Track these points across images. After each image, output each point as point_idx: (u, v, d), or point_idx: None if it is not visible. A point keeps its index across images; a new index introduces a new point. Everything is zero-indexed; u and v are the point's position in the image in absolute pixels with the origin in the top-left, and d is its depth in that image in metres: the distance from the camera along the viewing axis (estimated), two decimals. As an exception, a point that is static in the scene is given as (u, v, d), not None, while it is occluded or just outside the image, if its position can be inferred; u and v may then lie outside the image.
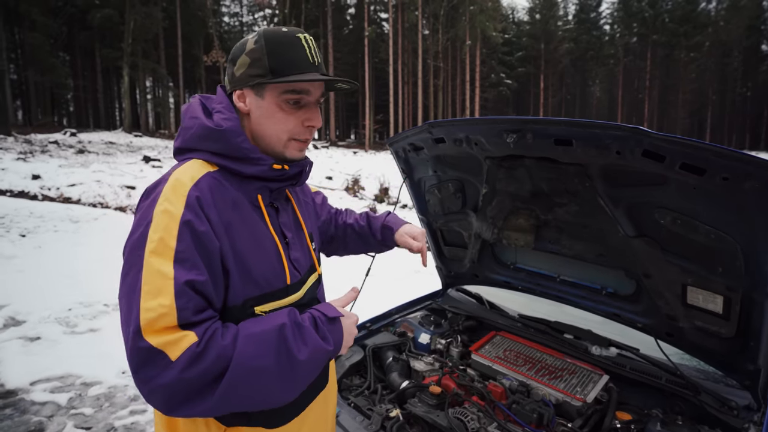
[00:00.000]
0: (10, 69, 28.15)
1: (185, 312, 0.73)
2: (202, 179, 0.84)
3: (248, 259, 0.86)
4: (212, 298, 0.79)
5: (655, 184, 1.35)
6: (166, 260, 0.75)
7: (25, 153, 14.17)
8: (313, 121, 0.94)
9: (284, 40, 0.90)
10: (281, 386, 0.78)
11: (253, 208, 0.92)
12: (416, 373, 1.85)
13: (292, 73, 0.88)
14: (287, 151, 0.95)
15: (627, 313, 1.76)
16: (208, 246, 0.79)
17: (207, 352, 0.72)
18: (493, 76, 42.20)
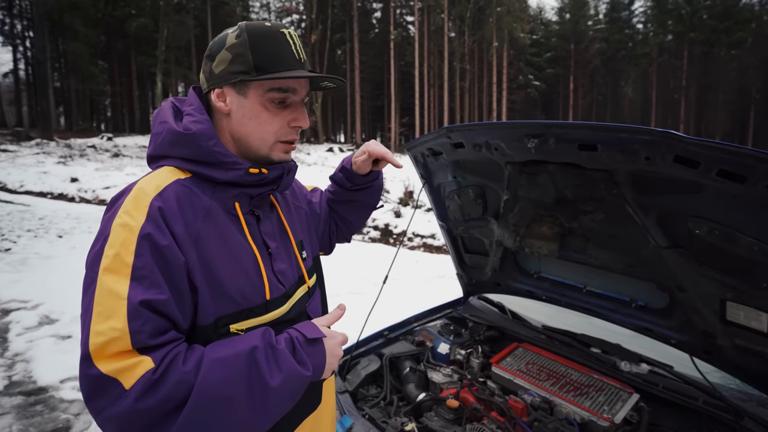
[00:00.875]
0: (54, 77, 29.64)
1: (140, 335, 0.66)
2: (168, 188, 0.77)
3: (221, 273, 0.78)
4: (176, 318, 0.72)
5: (689, 191, 1.26)
6: (121, 278, 0.68)
7: (65, 157, 14.85)
8: (299, 121, 0.88)
9: (269, 35, 0.83)
10: (251, 416, 0.71)
11: (230, 217, 0.84)
12: (434, 384, 1.79)
13: (277, 70, 0.82)
14: (273, 154, 0.88)
15: (659, 327, 1.66)
16: (171, 261, 0.72)
17: (165, 380, 0.65)
18: (521, 77, 41.50)
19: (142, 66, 31.29)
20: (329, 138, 42.82)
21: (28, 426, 2.51)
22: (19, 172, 12.52)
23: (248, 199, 0.88)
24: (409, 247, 9.36)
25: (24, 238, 6.93)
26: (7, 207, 9.35)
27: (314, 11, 31.41)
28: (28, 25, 29.70)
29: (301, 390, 0.79)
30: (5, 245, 6.47)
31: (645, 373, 1.72)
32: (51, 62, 24.08)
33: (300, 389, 0.78)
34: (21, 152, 15.10)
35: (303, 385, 0.78)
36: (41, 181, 11.85)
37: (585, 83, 46.34)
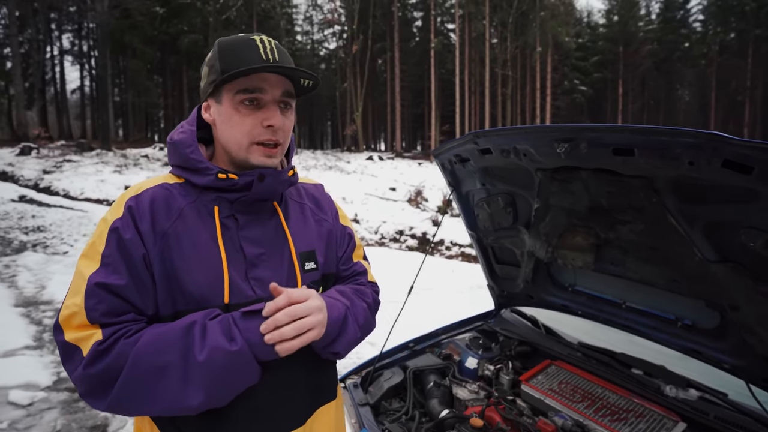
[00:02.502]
0: (114, 92, 31.82)
1: (94, 312, 0.76)
2: (148, 190, 0.87)
3: (181, 269, 0.83)
4: (135, 302, 0.80)
5: (742, 200, 1.13)
6: (92, 263, 0.80)
7: (121, 166, 15.84)
8: (270, 120, 0.86)
9: (238, 42, 0.88)
10: (184, 388, 0.74)
11: (207, 219, 0.88)
12: (458, 401, 1.71)
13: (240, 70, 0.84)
14: (251, 157, 0.88)
15: (710, 350, 1.50)
16: (132, 252, 0.80)
17: (109, 351, 0.74)
18: (566, 83, 40.20)
19: (192, 79, 33.01)
20: (369, 147, 43.25)
21: (71, 421, 2.64)
22: (80, 181, 13.45)
23: (228, 203, 0.90)
24: (446, 256, 9.22)
25: (81, 242, 7.41)
26: (68, 213, 10.06)
27: (355, 22, 31.98)
28: (94, 45, 32.09)
29: (227, 365, 0.76)
30: (64, 248, 6.96)
31: (693, 400, 1.56)
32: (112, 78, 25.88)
33: (232, 364, 0.76)
34: (83, 162, 16.24)
35: (233, 359, 0.76)
36: (99, 188, 12.68)
37: (635, 87, 44.27)
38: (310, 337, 0.81)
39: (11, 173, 15.06)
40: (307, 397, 0.95)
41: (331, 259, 1.07)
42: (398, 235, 10.27)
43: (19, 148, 18.12)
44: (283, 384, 0.91)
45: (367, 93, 35.92)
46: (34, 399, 2.86)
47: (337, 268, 1.10)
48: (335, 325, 0.90)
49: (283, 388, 0.91)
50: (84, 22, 30.70)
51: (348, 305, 0.96)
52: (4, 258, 6.33)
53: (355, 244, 1.16)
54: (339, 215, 1.15)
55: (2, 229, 8.32)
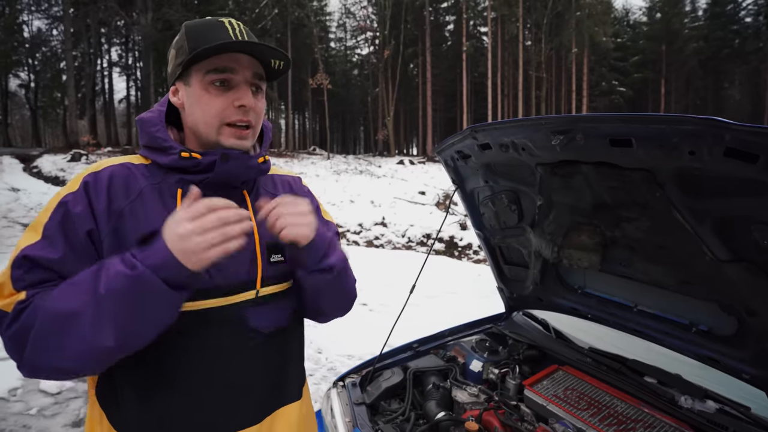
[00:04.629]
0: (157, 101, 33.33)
1: (19, 283, 0.75)
2: (108, 168, 0.85)
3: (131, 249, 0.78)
4: (67, 275, 0.76)
5: (751, 192, 1.04)
6: (33, 234, 0.78)
7: (161, 171, 16.51)
8: (242, 99, 0.84)
9: (206, 24, 0.86)
10: (96, 329, 0.68)
11: (170, 201, 0.85)
12: (457, 404, 1.66)
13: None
14: (222, 138, 0.86)
15: (727, 358, 1.39)
16: (77, 227, 0.78)
17: (27, 308, 0.73)
18: (604, 83, 38.78)
19: (230, 87, 34.16)
20: (401, 151, 43.28)
21: (92, 411, 2.75)
22: (123, 185, 14.13)
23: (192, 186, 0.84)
24: (474, 260, 9.07)
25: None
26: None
27: (387, 27, 32.18)
28: (139, 57, 33.81)
29: (139, 289, 0.69)
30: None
31: (711, 412, 1.45)
32: (154, 87, 27.14)
33: (135, 289, 0.69)
34: (126, 167, 17.06)
35: (135, 283, 0.69)
36: (140, 192, 13.29)
37: (679, 87, 42.22)
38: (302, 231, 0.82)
39: (62, 178, 16.05)
40: (265, 395, 0.92)
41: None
42: (425, 239, 10.19)
43: (71, 154, 19.30)
44: (240, 379, 0.87)
45: (399, 98, 35.97)
46: (62, 388, 3.00)
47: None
48: (323, 239, 0.89)
49: (239, 384, 0.88)
50: (130, 35, 32.41)
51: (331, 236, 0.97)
52: (49, 256, 6.72)
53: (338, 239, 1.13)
54: (321, 210, 1.11)
55: (50, 229, 8.83)
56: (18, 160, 20.58)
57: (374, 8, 34.56)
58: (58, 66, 34.24)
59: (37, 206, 11.41)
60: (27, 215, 10.31)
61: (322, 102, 30.97)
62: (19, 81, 37.90)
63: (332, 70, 37.48)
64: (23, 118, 53.80)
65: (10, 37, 31.78)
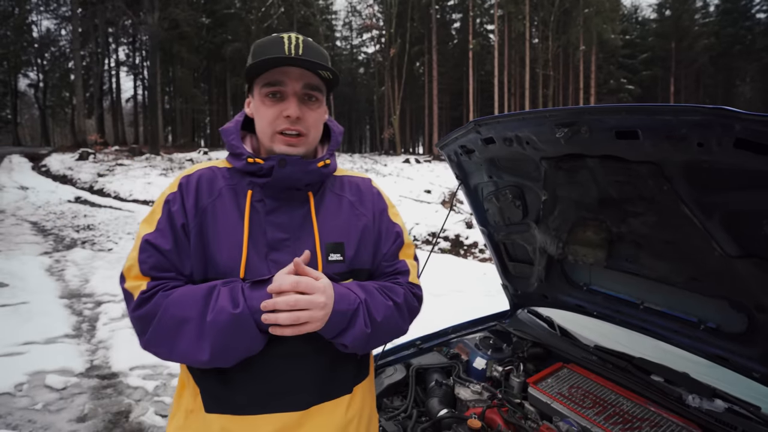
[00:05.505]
0: (164, 100, 33.57)
1: (144, 265, 0.90)
2: (198, 171, 0.99)
3: (210, 242, 0.93)
4: (177, 264, 0.92)
5: (761, 185, 1.01)
6: (149, 227, 0.93)
7: (167, 169, 16.66)
8: (287, 111, 0.93)
9: (267, 41, 0.95)
10: (197, 341, 0.83)
11: (242, 201, 0.96)
12: (460, 401, 1.64)
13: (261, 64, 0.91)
14: (275, 146, 0.96)
15: (736, 356, 1.36)
16: (176, 221, 0.93)
17: (151, 299, 0.87)
18: (612, 81, 38.42)
19: (235, 86, 34.28)
20: (407, 149, 43.21)
21: (97, 406, 2.76)
22: (130, 183, 14.25)
23: (260, 188, 0.97)
24: (479, 259, 9.02)
25: (124, 240, 7.83)
26: (115, 213, 10.68)
27: (393, 25, 32.11)
28: (146, 56, 34.02)
29: (231, 326, 0.83)
30: (109, 246, 7.37)
31: (719, 412, 1.42)
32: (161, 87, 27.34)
33: (233, 325, 0.83)
34: (133, 165, 17.21)
35: (234, 321, 0.83)
36: (146, 190, 13.38)
37: (689, 84, 41.73)
38: (305, 329, 0.84)
39: (70, 176, 16.20)
40: (313, 387, 0.96)
41: (365, 253, 1.05)
42: (431, 237, 10.15)
43: (79, 153, 19.47)
44: (293, 369, 0.95)
45: (405, 96, 35.92)
46: (68, 384, 3.02)
47: (378, 264, 1.08)
48: (343, 316, 0.90)
49: (292, 372, 0.95)
50: (137, 35, 32.60)
51: (362, 299, 0.95)
52: (56, 253, 6.78)
53: (402, 242, 1.13)
54: (389, 212, 1.13)
55: (57, 227, 8.93)
56: (27, 158, 20.83)
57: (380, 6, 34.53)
58: (66, 66, 34.54)
59: (45, 204, 11.52)
60: (35, 213, 10.42)
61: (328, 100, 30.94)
62: (28, 81, 38.37)
63: (338, 69, 37.25)
64: (32, 118, 54.46)
65: (20, 37, 32.13)
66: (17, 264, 5.95)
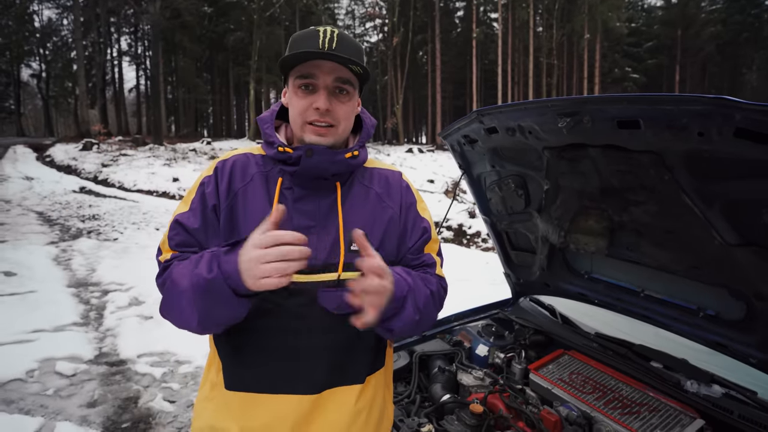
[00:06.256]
0: (167, 90, 33.48)
1: (171, 241, 0.97)
2: (233, 157, 1.04)
3: (240, 225, 0.97)
4: (202, 242, 0.97)
5: (761, 174, 1.02)
6: (184, 206, 1.00)
7: (170, 159, 16.66)
8: (317, 103, 0.95)
9: (304, 34, 0.97)
10: (188, 306, 0.86)
11: (272, 187, 1.00)
12: (463, 387, 1.68)
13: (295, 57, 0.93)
14: (305, 135, 0.98)
15: (735, 343, 1.39)
16: (208, 202, 0.98)
17: (168, 269, 0.93)
18: (617, 70, 38.00)
19: (238, 76, 34.09)
20: (410, 139, 43.03)
21: (107, 392, 2.82)
22: (134, 173, 14.29)
23: (290, 176, 1.00)
24: (482, 248, 9.04)
25: (129, 229, 7.87)
26: (120, 203, 10.72)
27: (396, 14, 31.78)
28: (148, 46, 33.85)
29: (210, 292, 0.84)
30: (114, 235, 7.42)
31: (717, 397, 1.45)
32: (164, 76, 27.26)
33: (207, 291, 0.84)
34: (137, 156, 17.23)
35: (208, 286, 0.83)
36: (149, 180, 13.41)
37: (694, 73, 41.21)
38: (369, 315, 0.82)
39: (75, 167, 16.25)
40: (326, 371, 0.98)
41: (389, 246, 1.05)
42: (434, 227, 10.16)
43: (82, 143, 19.51)
44: (307, 350, 0.98)
45: (408, 85, 35.65)
46: (77, 370, 3.08)
47: (404, 257, 1.09)
48: (397, 301, 0.91)
49: (306, 352, 0.97)
50: (140, 24, 32.42)
51: (411, 285, 0.96)
52: (62, 243, 6.83)
53: (429, 237, 1.12)
54: (417, 206, 1.13)
55: (63, 217, 8.98)
56: (31, 149, 20.88)
57: (383, -5, 34.10)
58: (68, 56, 34.45)
59: (50, 194, 11.58)
60: (40, 203, 10.48)
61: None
62: (30, 71, 38.28)
63: (345, 57, 37.01)
64: (36, 108, 54.45)
65: (21, 26, 31.99)
66: (24, 254, 6.00)
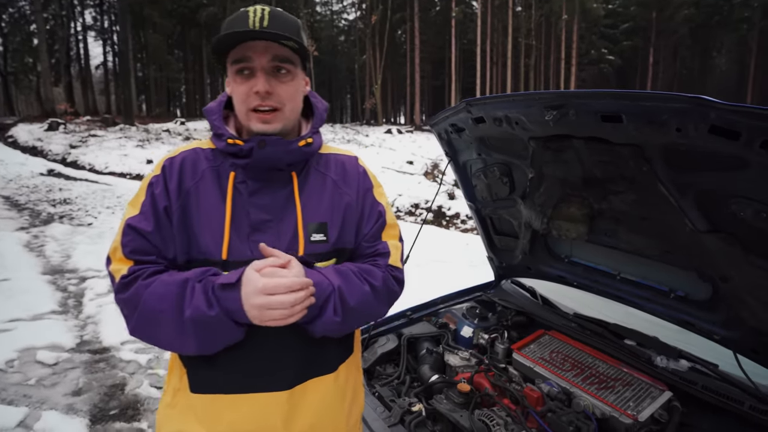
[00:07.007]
0: (137, 67, 32.10)
1: (126, 248, 0.90)
2: (182, 153, 0.98)
3: (194, 224, 0.93)
4: (159, 246, 0.92)
5: (733, 168, 1.10)
6: (134, 209, 0.93)
7: (143, 141, 16.15)
8: (256, 86, 0.89)
9: (234, 17, 0.92)
10: (176, 334, 0.85)
11: (224, 182, 0.95)
12: (450, 368, 1.75)
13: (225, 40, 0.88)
14: (251, 124, 0.93)
15: (701, 321, 1.49)
16: (158, 204, 0.92)
17: (130, 286, 0.87)
18: (593, 52, 38.36)
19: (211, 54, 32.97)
20: (389, 120, 42.75)
21: (91, 380, 2.81)
22: (105, 155, 13.83)
23: (242, 169, 0.95)
24: (461, 230, 9.19)
25: (104, 214, 7.69)
26: (92, 186, 10.42)
27: (374, -9, 31.11)
28: (115, 20, 32.27)
29: (208, 326, 0.84)
30: (88, 220, 7.24)
31: (683, 371, 1.56)
32: (133, 53, 26.08)
33: (212, 325, 0.84)
34: (107, 137, 16.63)
35: (213, 321, 0.84)
36: (122, 162, 13.02)
37: (667, 56, 41.98)
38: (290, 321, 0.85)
39: (40, 148, 15.58)
40: (297, 365, 0.96)
41: (349, 233, 1.03)
42: (414, 209, 10.26)
43: (47, 123, 18.64)
44: (276, 349, 0.95)
45: (387, 65, 35.20)
46: (59, 359, 3.05)
47: (359, 244, 1.05)
48: (313, 306, 0.89)
49: (275, 352, 0.95)
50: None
51: (336, 287, 0.93)
52: (33, 229, 6.64)
53: (385, 223, 1.08)
54: (374, 191, 1.09)
55: (32, 201, 8.68)
56: (-8, 129, 19.87)
57: (361, -30, 33.25)
58: (27, 29, 32.52)
59: (16, 177, 11.12)
60: (6, 187, 10.07)
61: (308, 69, 30.14)
62: (-14, 45, 36.06)
63: (318, 36, 36.22)
64: (-7, 85, 51.46)
65: (-26, -4, 29.95)
66: (-7, 240, 5.82)
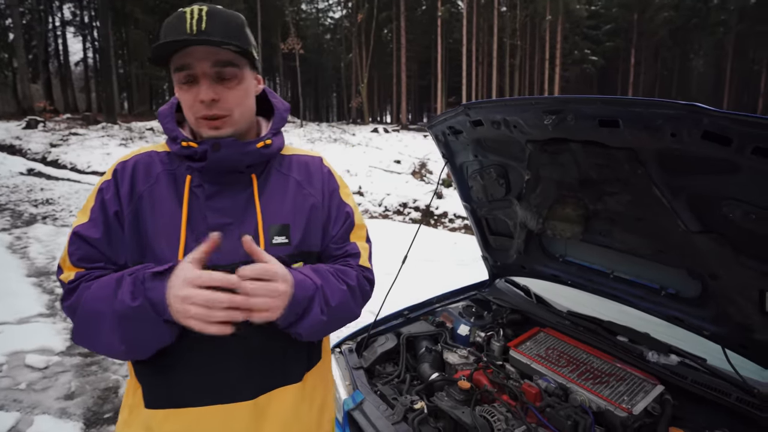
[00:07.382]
0: (118, 64, 31.46)
1: (73, 257, 0.88)
2: (134, 157, 0.95)
3: (147, 229, 0.89)
4: (106, 252, 0.89)
5: (724, 172, 1.15)
6: (83, 216, 0.91)
7: (126, 139, 15.87)
8: (200, 95, 0.84)
9: (172, 19, 0.85)
10: (112, 334, 0.81)
11: (180, 186, 0.92)
12: (449, 365, 1.79)
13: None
14: (201, 131, 0.90)
15: (691, 318, 1.55)
16: (108, 209, 0.90)
17: (74, 291, 0.86)
18: (576, 52, 38.98)
19: (195, 51, 32.45)
20: (375, 119, 42.74)
21: (84, 384, 2.78)
22: (87, 154, 13.55)
23: (198, 172, 0.92)
24: (449, 228, 9.27)
25: (89, 214, 7.53)
26: (75, 186, 10.20)
27: (360, -11, 31.04)
28: (95, 15, 31.57)
29: (138, 320, 0.79)
30: (72, 221, 7.08)
31: (674, 365, 1.63)
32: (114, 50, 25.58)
33: (134, 318, 0.79)
34: (89, 135, 16.28)
35: (135, 314, 0.78)
36: (105, 162, 12.78)
37: (648, 57, 42.86)
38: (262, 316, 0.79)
39: (19, 146, 15.16)
40: (260, 374, 0.93)
41: (314, 235, 1.00)
42: (402, 208, 10.31)
43: (26, 121, 18.12)
44: (238, 356, 0.91)
45: (373, 64, 35.18)
46: (49, 363, 3.00)
47: (327, 246, 1.03)
48: (299, 304, 0.86)
49: (237, 360, 0.90)
50: (84, -9, 30.13)
51: (319, 285, 0.91)
52: (16, 230, 6.49)
53: (353, 224, 1.07)
54: (340, 191, 1.07)
55: (13, 202, 8.47)
56: (-34, 127, 19.27)
57: (347, -32, 33.14)
58: (3, 23, 31.61)
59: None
60: (-15, 187, 9.79)
61: (294, 68, 29.98)
62: (-41, 39, 34.92)
63: (304, 34, 36.04)
64: (-32, 81, 49.91)
65: (-54, -11, 29.00)
66: (-27, 242, 5.67)
